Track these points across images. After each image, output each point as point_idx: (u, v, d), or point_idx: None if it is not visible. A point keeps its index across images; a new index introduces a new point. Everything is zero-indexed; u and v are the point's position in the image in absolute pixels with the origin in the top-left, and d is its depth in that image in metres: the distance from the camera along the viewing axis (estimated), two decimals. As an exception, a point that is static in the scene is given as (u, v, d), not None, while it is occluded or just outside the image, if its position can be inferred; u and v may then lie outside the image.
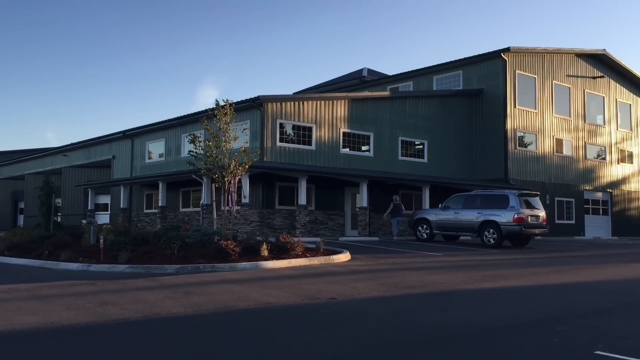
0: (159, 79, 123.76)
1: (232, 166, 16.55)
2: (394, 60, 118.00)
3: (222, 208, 17.58)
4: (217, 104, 16.96)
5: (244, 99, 24.79)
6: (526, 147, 33.57)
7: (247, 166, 16.97)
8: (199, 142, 16.87)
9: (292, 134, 25.98)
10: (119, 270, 13.62)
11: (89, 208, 32.52)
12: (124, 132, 32.78)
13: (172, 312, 8.56)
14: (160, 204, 27.53)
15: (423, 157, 30.81)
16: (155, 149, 31.29)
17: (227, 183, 16.78)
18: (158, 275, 12.88)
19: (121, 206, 30.41)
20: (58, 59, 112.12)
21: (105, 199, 35.64)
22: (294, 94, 38.01)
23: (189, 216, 27.64)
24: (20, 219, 43.38)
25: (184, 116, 28.14)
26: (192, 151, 17.06)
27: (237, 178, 17.35)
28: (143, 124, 31.73)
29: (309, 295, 10.01)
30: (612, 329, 7.61)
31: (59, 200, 30.13)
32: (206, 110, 19.21)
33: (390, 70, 39.68)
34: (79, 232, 20.17)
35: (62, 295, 10.21)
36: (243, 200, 22.41)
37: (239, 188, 20.02)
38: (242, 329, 7.45)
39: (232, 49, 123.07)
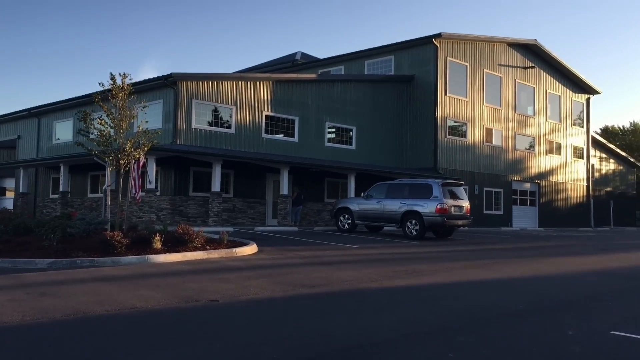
0: (100, 63, 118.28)
1: (127, 148, 14.81)
2: (330, 45, 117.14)
3: (133, 194, 15.84)
4: (113, 79, 15.11)
5: (154, 76, 22.93)
6: (456, 136, 33.04)
7: (146, 148, 15.27)
8: (91, 120, 15.00)
9: (210, 115, 24.28)
10: (-20, 264, 11.74)
11: (-11, 192, 29.89)
12: (29, 110, 30.17)
13: (3, 320, 6.97)
14: (61, 189, 25.31)
15: (351, 144, 29.72)
16: (64, 129, 28.88)
17: (122, 166, 15.05)
18: (25, 271, 11.13)
19: (21, 190, 27.87)
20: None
21: (11, 183, 32.87)
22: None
23: (97, 202, 25.56)
24: None
25: (94, 93, 25.83)
26: (83, 130, 15.19)
27: (141, 161, 15.64)
28: (50, 102, 29.26)
29: (188, 297, 8.60)
30: (517, 339, 6.56)
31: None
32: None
33: (325, 55, 38.48)
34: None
35: None
36: (148, 186, 20.63)
37: (143, 173, 18.28)
38: (71, 347, 5.94)
39: (173, 33, 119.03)
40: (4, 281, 9.91)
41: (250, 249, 14.54)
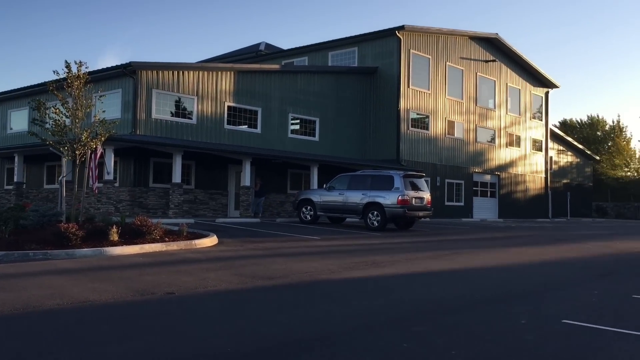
0: (59, 51, 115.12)
1: (84, 138, 14.46)
2: (295, 36, 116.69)
3: (91, 185, 15.47)
4: (68, 67, 14.70)
5: (114, 65, 22.44)
6: (419, 128, 33.31)
7: (103, 138, 14.93)
8: (45, 109, 14.59)
9: (171, 106, 23.89)
10: None
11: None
12: (-17, 98, 29.23)
13: (-51, 316, 6.72)
14: (16, 180, 24.59)
15: (314, 136, 29.67)
16: (18, 118, 28.06)
17: (79, 157, 14.70)
18: (-26, 264, 10.78)
19: (-31, 182, 27.07)
20: None
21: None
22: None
23: (53, 193, 24.94)
24: None
25: (49, 82, 25.14)
26: (37, 119, 14.76)
27: (98, 152, 15.30)
28: (4, 90, 28.36)
29: (144, 290, 8.45)
30: (472, 329, 6.65)
31: None
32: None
33: (289, 46, 38.22)
34: None
35: None
36: (106, 177, 20.20)
37: (100, 164, 17.90)
38: (19, 342, 5.76)
39: (134, 22, 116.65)
40: (-48, 275, 9.58)
41: (210, 241, 14.40)
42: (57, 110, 14.44)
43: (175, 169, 21.84)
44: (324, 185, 22.68)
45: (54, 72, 14.64)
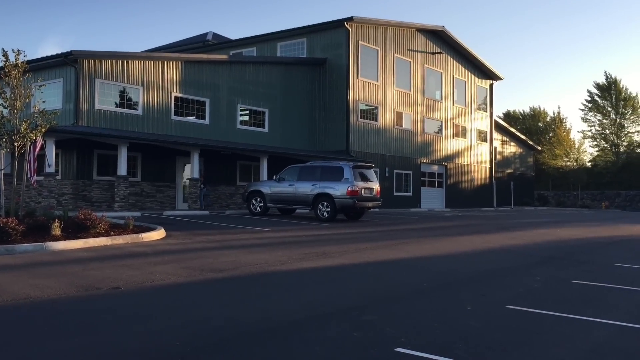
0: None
1: (22, 129, 13.91)
2: (243, 26, 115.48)
3: (30, 178, 14.88)
4: (5, 55, 14.09)
5: (55, 53, 21.65)
6: (367, 119, 33.55)
7: (43, 130, 14.39)
8: (-20, 99, 13.95)
9: (115, 96, 23.27)
10: None
11: None
12: None
13: None
14: (-51, 173, 23.52)
15: (264, 127, 29.48)
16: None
17: (17, 149, 14.13)
18: None
19: None
20: None
21: None
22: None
23: (-8, 187, 23.95)
24: None
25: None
26: (-28, 110, 14.10)
27: (38, 143, 14.74)
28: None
29: (88, 285, 8.21)
30: (420, 316, 6.76)
31: None
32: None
33: (237, 36, 37.65)
34: None
35: None
36: (47, 170, 19.52)
37: (41, 156, 17.29)
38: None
39: (76, 9, 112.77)
40: None
41: (158, 234, 14.12)
42: (-7, 100, 13.83)
43: (120, 161, 21.30)
44: (274, 177, 22.60)
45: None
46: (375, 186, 21.60)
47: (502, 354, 5.41)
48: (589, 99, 66.04)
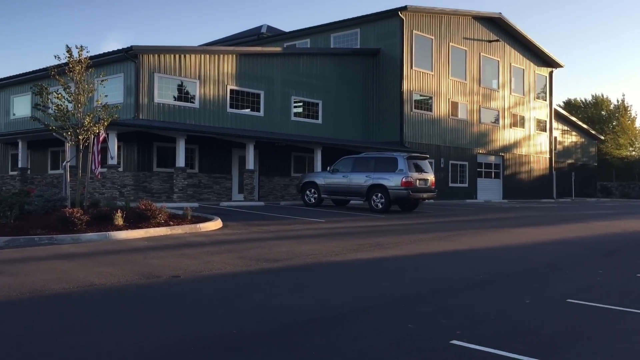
0: (62, 36, 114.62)
1: (86, 123, 14.44)
2: (297, 18, 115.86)
3: (93, 170, 15.47)
4: (69, 52, 14.64)
5: (116, 49, 22.32)
6: (422, 109, 33.16)
7: (105, 123, 14.90)
8: (48, 94, 14.55)
9: (173, 89, 23.82)
10: None
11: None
12: (-15, 84, 29.18)
13: (-45, 300, 6.77)
14: (20, 165, 24.63)
15: (317, 118, 29.57)
16: (21, 103, 28.00)
17: (82, 142, 14.68)
18: (-20, 249, 10.82)
19: (-25, 167, 27.11)
20: None
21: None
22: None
23: (58, 179, 24.97)
24: None
25: (50, 67, 25.07)
26: (39, 105, 14.73)
27: (101, 136, 15.28)
28: (7, 75, 28.29)
29: (148, 273, 8.49)
30: (477, 309, 6.66)
31: None
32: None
33: (291, 28, 37.88)
34: None
35: None
36: (110, 162, 20.20)
37: (104, 148, 17.91)
38: (26, 326, 5.79)
39: (137, 5, 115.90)
40: (-42, 260, 9.63)
41: (215, 224, 14.42)
42: (60, 95, 14.39)
43: (178, 153, 21.83)
44: (328, 168, 22.65)
45: (55, 56, 14.58)
46: (430, 177, 21.37)
47: (562, 348, 5.28)
48: (656, 85, 63.11)
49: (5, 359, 4.77)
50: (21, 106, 28.13)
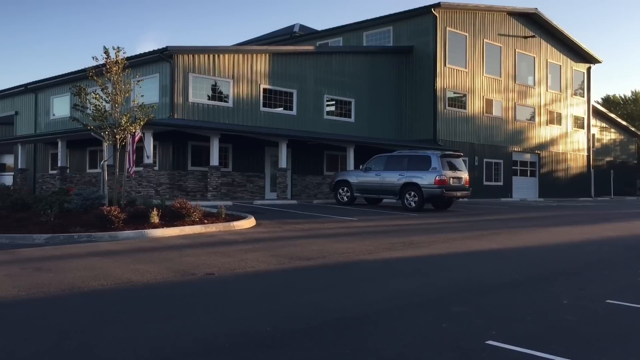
0: (98, 37, 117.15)
1: (123, 122, 14.72)
2: (329, 16, 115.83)
3: (128, 169, 15.79)
4: (107, 53, 14.93)
5: (151, 49, 22.68)
6: (456, 107, 32.82)
7: (141, 123, 15.16)
8: (86, 94, 14.88)
9: (207, 89, 24.09)
10: (-23, 241, 11.75)
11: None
12: (26, 85, 29.94)
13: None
14: (59, 164, 25.24)
15: (350, 117, 29.54)
16: (61, 104, 28.70)
17: (119, 141, 14.98)
18: (22, 246, 11.14)
19: (19, 167, 27.80)
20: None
21: (9, 159, 32.76)
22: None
23: (96, 178, 25.55)
24: None
25: (88, 68, 25.60)
26: (78, 105, 15.07)
27: (137, 136, 15.57)
28: (47, 77, 28.99)
29: (184, 271, 8.62)
30: (512, 309, 6.57)
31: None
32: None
33: (323, 27, 37.88)
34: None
35: None
36: (146, 161, 20.54)
37: (140, 148, 18.21)
38: (64, 321, 5.94)
39: (171, 6, 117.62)
40: (1, 256, 9.93)
41: (248, 223, 14.54)
42: (97, 96, 14.70)
43: (212, 152, 22.08)
44: (361, 167, 22.61)
45: (93, 58, 14.93)
46: (464, 175, 21.15)
47: (601, 350, 5.17)
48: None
49: (47, 352, 4.90)
50: (61, 107, 28.82)
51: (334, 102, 29.02)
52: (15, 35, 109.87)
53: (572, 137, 41.66)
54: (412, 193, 20.26)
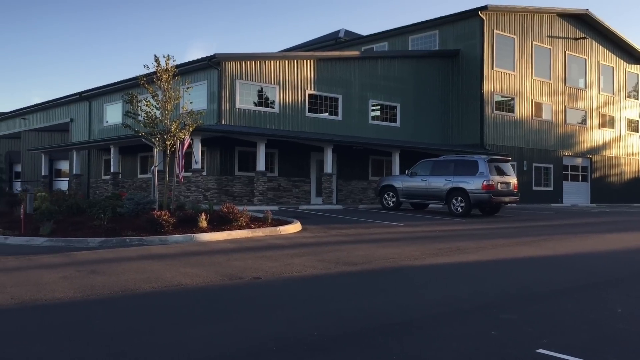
0: (149, 45, 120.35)
1: (173, 129, 15.07)
2: (374, 21, 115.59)
3: (178, 174, 16.16)
4: (157, 61, 15.33)
5: (199, 57, 23.14)
6: (504, 111, 32.27)
7: (190, 129, 15.49)
8: (137, 102, 15.30)
9: (254, 95, 24.43)
10: (36, 243, 12.25)
11: (43, 174, 30.94)
12: (80, 93, 30.99)
13: (57, 297, 7.27)
14: (112, 170, 26.02)
15: (395, 121, 29.42)
16: (113, 111, 29.59)
17: (169, 147, 15.34)
18: (78, 249, 11.54)
19: (74, 172, 28.78)
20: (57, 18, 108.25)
21: (65, 165, 33.93)
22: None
23: (147, 182, 26.19)
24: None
25: (139, 76, 26.30)
26: (130, 112, 15.51)
27: (186, 142, 15.92)
28: (100, 85, 29.96)
29: (231, 275, 8.76)
30: (564, 317, 6.42)
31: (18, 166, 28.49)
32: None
33: (368, 32, 37.90)
34: (17, 200, 18.81)
35: (-51, 274, 8.85)
36: (194, 166, 20.95)
37: (189, 153, 18.60)
38: (118, 322, 6.13)
39: (219, 13, 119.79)
40: (58, 259, 10.31)
41: (294, 227, 14.65)
42: (148, 103, 15.10)
43: (259, 157, 22.36)
44: (406, 171, 22.48)
45: (144, 66, 15.34)
46: (513, 180, 20.77)
47: (658, 361, 5.02)
48: None
49: (100, 354, 5.07)
50: (113, 114, 29.70)
51: (379, 107, 28.98)
52: (71, 45, 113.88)
53: (625, 141, 40.36)
54: (459, 198, 20.02)
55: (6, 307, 6.71)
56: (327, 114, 26.79)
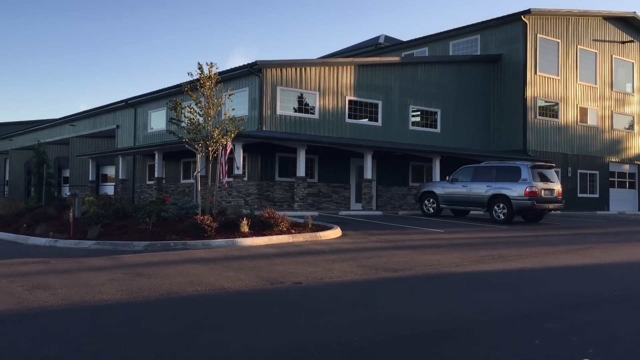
0: (193, 52, 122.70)
1: (215, 135, 15.33)
2: (414, 27, 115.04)
3: (221, 180, 16.45)
4: (200, 68, 15.64)
5: (241, 64, 23.50)
6: (547, 116, 31.68)
7: (232, 135, 15.73)
8: (181, 108, 15.64)
9: (294, 102, 24.64)
10: (85, 246, 12.62)
11: (91, 179, 31.83)
12: (126, 100, 31.80)
13: (104, 299, 7.49)
14: (156, 175, 26.59)
15: (436, 127, 29.21)
16: (158, 118, 30.27)
17: (211, 153, 15.61)
18: (124, 252, 11.85)
19: (120, 177, 29.56)
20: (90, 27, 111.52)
21: (111, 170, 34.84)
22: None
23: (189, 188, 26.67)
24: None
25: (183, 83, 26.85)
26: (174, 119, 15.85)
27: (228, 148, 16.17)
28: (145, 92, 30.70)
29: (273, 279, 8.86)
30: (610, 327, 6.29)
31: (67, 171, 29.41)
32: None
33: (409, 37, 37.78)
34: (66, 204, 19.38)
35: (3, 275, 9.22)
36: (236, 172, 21.25)
37: (230, 159, 18.87)
38: (163, 324, 6.29)
39: (261, 21, 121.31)
40: (105, 262, 10.61)
41: (334, 233, 14.70)
42: (192, 110, 15.39)
43: (299, 163, 22.53)
44: (447, 178, 22.30)
45: (188, 74, 15.66)
46: (556, 187, 20.36)
47: None
48: None
49: (148, 354, 5.22)
50: (157, 120, 30.38)
51: (419, 113, 28.83)
52: (117, 54, 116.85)
53: (675, 147, 39.05)
54: (501, 205, 19.74)
55: (57, 308, 6.95)
56: (367, 119, 26.80)
